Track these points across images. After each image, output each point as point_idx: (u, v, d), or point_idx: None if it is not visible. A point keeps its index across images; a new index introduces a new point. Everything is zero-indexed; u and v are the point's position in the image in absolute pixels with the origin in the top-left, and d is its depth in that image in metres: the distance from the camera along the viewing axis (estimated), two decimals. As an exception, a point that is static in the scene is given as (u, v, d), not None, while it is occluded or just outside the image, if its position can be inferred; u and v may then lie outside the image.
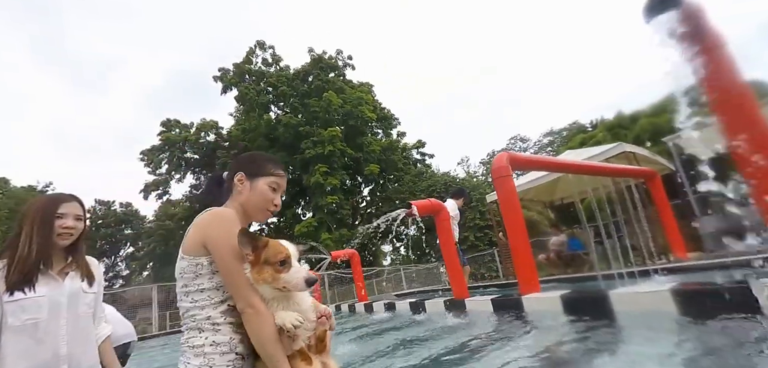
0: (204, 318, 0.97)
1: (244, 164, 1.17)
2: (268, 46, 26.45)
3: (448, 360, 2.48)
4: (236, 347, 0.98)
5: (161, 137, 25.13)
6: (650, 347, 2.10)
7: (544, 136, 34.80)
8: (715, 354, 1.85)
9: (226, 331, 0.98)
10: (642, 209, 5.61)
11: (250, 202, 1.13)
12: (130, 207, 31.97)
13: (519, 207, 3.93)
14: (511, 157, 4.12)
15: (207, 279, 1.00)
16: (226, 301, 1.00)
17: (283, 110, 25.00)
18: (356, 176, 24.61)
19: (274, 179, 1.16)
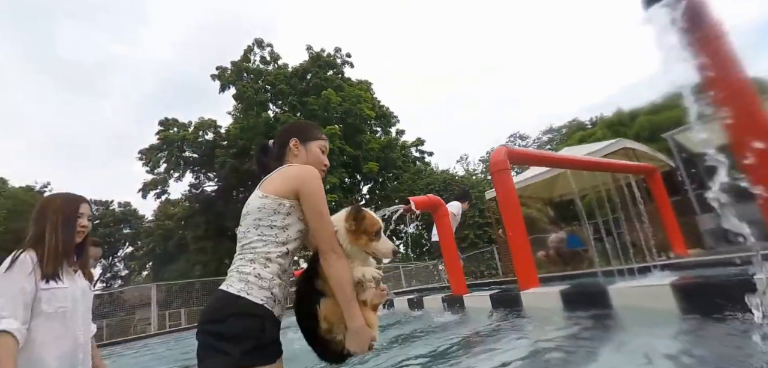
0: (263, 252, 1.08)
1: (295, 131, 1.31)
2: (266, 44, 26.36)
3: (443, 356, 2.44)
4: (274, 287, 1.07)
5: (159, 136, 24.97)
6: (649, 342, 2.06)
7: (543, 133, 34.78)
8: (713, 349, 1.81)
9: (272, 269, 1.07)
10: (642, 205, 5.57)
11: (306, 163, 1.24)
12: (129, 207, 31.85)
13: (517, 201, 3.89)
14: (510, 151, 4.09)
15: (281, 219, 1.10)
16: (286, 244, 1.11)
17: (281, 109, 24.92)
18: (355, 174, 24.56)
19: (322, 142, 1.32)
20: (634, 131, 10.95)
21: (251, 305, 1.02)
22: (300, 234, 1.15)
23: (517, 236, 3.72)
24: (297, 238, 1.14)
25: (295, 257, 1.18)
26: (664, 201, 5.60)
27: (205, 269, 21.08)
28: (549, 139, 32.91)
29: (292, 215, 1.11)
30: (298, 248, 1.18)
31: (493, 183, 3.97)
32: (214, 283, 15.14)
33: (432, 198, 4.75)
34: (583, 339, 2.36)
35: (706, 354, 1.79)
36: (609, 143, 6.33)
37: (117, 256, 31.59)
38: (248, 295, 1.02)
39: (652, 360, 1.77)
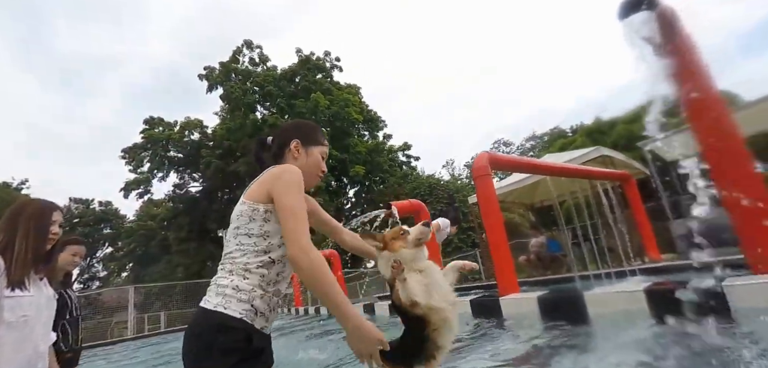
0: (241, 262, 1.02)
1: (298, 132, 1.24)
2: (255, 45, 26.27)
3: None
4: (254, 300, 1.01)
5: (144, 135, 24.59)
6: (622, 347, 2.11)
7: (526, 140, 35.55)
8: (683, 355, 1.86)
9: (253, 281, 1.01)
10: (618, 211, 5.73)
11: (306, 169, 1.18)
12: (110, 206, 30.97)
13: (498, 207, 3.94)
14: (492, 157, 4.14)
15: (258, 226, 1.04)
16: (268, 253, 1.04)
17: (269, 110, 24.76)
18: (342, 178, 24.53)
19: (324, 148, 1.27)
20: (612, 139, 11.28)
21: (229, 319, 0.97)
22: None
23: (498, 241, 3.76)
24: (282, 244, 1.06)
25: (283, 264, 1.10)
26: (638, 207, 5.78)
27: (187, 272, 20.61)
28: (532, 146, 33.65)
29: (272, 221, 1.04)
30: (285, 253, 1.09)
31: (475, 188, 4.01)
32: (195, 286, 14.82)
33: (414, 203, 4.78)
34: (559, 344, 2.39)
35: (676, 357, 1.84)
36: (587, 150, 6.51)
37: (96, 257, 30.58)
38: (225, 310, 0.97)
39: (623, 366, 1.81)
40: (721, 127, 2.60)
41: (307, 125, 1.30)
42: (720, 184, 2.52)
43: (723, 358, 1.64)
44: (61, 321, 2.21)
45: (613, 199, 5.40)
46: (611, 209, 5.32)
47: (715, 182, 2.53)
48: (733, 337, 1.87)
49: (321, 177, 1.27)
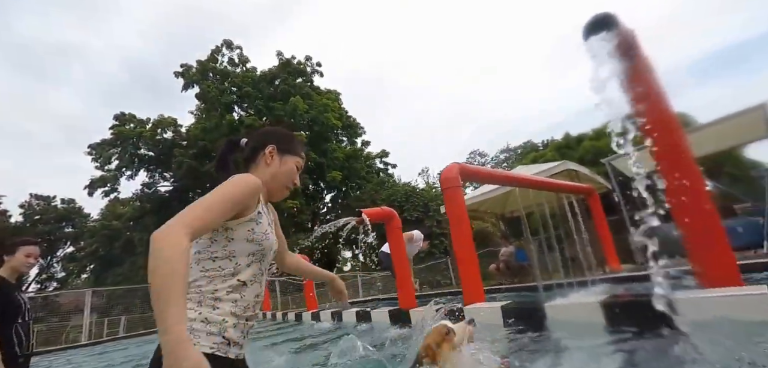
0: (210, 290, 0.92)
1: (276, 138, 1.15)
2: (235, 46, 25.82)
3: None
4: (226, 331, 0.92)
5: (113, 131, 23.66)
6: (576, 354, 2.15)
7: (500, 152, 36.58)
8: (635, 363, 1.91)
9: (223, 310, 0.92)
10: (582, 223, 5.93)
11: (277, 177, 1.12)
12: (73, 204, 29.31)
13: (466, 218, 3.97)
14: (462, 168, 4.17)
15: (221, 248, 0.95)
16: (236, 275, 0.96)
17: (247, 112, 24.31)
18: (319, 182, 24.30)
19: (300, 160, 1.19)
20: (579, 154, 11.74)
21: None
22: (254, 258, 0.99)
23: (465, 253, 3.78)
24: (251, 263, 0.98)
25: (258, 283, 1.02)
26: (601, 220, 6.01)
27: (152, 275, 19.74)
28: (506, 157, 34.69)
29: (235, 239, 0.95)
30: (259, 272, 1.02)
31: (444, 198, 4.03)
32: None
33: (385, 210, 4.75)
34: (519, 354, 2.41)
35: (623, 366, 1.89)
36: (554, 164, 6.73)
37: (55, 256, 28.74)
38: (194, 345, 0.86)
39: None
40: (675, 147, 2.73)
41: (287, 133, 1.22)
42: (671, 200, 2.65)
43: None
44: (14, 325, 2.11)
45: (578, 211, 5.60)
46: (575, 221, 5.50)
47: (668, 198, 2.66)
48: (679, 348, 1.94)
49: (290, 189, 1.19)
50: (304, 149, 1.23)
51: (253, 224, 0.98)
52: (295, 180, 1.18)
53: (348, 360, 2.47)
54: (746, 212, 5.82)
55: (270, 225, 1.07)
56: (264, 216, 1.03)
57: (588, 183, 6.57)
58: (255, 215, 0.99)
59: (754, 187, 6.58)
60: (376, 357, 2.57)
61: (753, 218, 5.31)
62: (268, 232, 1.02)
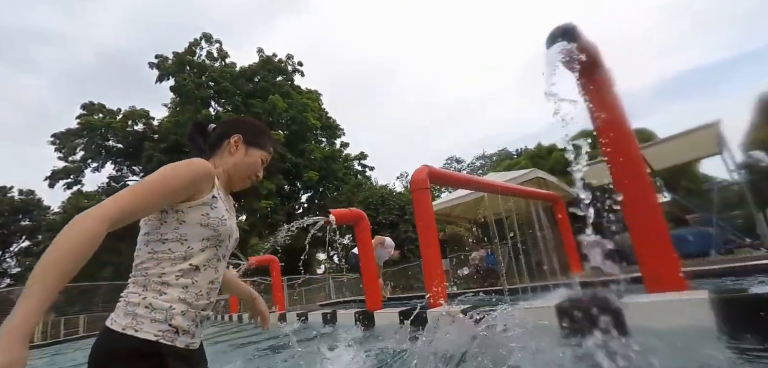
0: (156, 274, 0.88)
1: (244, 128, 1.14)
2: (214, 39, 25.21)
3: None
4: (173, 318, 0.88)
5: (80, 121, 22.61)
6: (529, 359, 2.18)
7: (476, 159, 37.35)
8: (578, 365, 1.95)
9: (171, 296, 0.88)
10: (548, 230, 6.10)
11: (239, 167, 1.10)
12: (32, 196, 27.57)
13: (433, 221, 3.99)
14: (430, 171, 4.19)
15: (172, 230, 0.91)
16: (188, 259, 0.92)
17: (224, 108, 23.72)
18: (296, 182, 23.99)
19: (266, 155, 1.17)
20: (551, 164, 12.13)
21: (140, 343, 0.83)
22: (209, 243, 0.96)
23: (431, 255, 3.80)
24: (205, 248, 0.95)
25: (213, 269, 0.98)
26: (566, 227, 6.20)
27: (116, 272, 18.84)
28: (481, 164, 35.48)
29: (187, 222, 0.92)
30: (214, 258, 0.99)
31: (413, 200, 4.04)
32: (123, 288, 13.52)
33: (354, 211, 4.72)
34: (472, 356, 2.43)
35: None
36: (524, 172, 6.91)
37: (9, 251, 26.92)
38: (136, 332, 0.83)
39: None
40: (630, 159, 2.83)
41: (256, 125, 1.20)
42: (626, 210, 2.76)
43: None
44: None
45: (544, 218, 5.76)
46: (541, 228, 5.66)
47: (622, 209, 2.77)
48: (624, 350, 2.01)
49: (253, 181, 1.17)
50: (275, 145, 1.23)
51: (207, 208, 0.95)
52: (259, 173, 1.16)
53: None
54: (697, 222, 6.16)
55: (228, 212, 1.04)
56: (220, 202, 0.99)
57: (555, 191, 6.77)
58: (209, 199, 0.95)
59: (707, 199, 6.97)
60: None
61: (703, 228, 5.62)
62: (224, 218, 0.99)
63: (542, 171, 7.27)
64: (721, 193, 6.40)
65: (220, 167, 1.08)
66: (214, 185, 0.98)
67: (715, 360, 1.70)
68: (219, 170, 1.07)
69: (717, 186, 6.40)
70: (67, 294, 14.23)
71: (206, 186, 0.95)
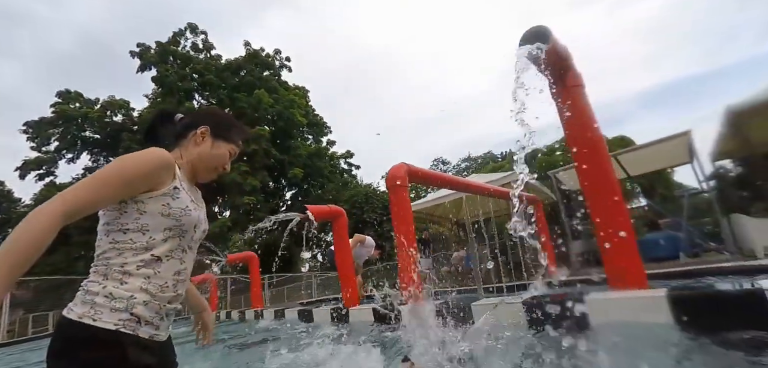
0: (118, 264, 0.87)
1: (212, 120, 1.12)
2: (200, 30, 24.70)
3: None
4: (135, 307, 0.86)
5: (55, 110, 21.76)
6: (499, 350, 2.23)
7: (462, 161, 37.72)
8: (542, 358, 1.99)
9: (132, 286, 0.86)
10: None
11: (204, 158, 1.08)
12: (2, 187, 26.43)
13: (410, 218, 4.01)
14: (409, 168, 4.20)
15: (133, 220, 0.90)
16: (150, 250, 0.90)
17: (208, 101, 23.26)
18: (280, 179, 23.73)
19: (234, 148, 1.15)
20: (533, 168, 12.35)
21: (98, 332, 0.81)
22: (171, 233, 0.94)
23: (405, 253, 3.81)
24: (168, 238, 0.94)
25: (178, 260, 0.97)
26: (543, 228, 6.33)
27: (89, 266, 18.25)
28: (466, 166, 35.82)
29: (148, 212, 0.90)
30: (179, 248, 0.97)
31: (389, 197, 4.04)
32: (96, 284, 13.09)
33: (332, 208, 4.70)
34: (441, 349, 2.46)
35: (533, 358, 1.97)
36: (504, 174, 7.02)
37: (-25, 245, 25.74)
38: (94, 321, 0.81)
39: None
40: (597, 164, 2.90)
41: (225, 118, 1.17)
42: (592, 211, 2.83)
43: (574, 363, 1.79)
44: None
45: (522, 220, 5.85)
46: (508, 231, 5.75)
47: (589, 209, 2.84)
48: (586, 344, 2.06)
49: (219, 173, 1.15)
50: (245, 139, 1.20)
51: (168, 199, 0.93)
52: (225, 166, 1.14)
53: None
54: (668, 227, 6.37)
55: (193, 202, 1.01)
56: (183, 192, 0.98)
57: (534, 194, 6.90)
58: (170, 189, 0.94)
59: (678, 205, 7.21)
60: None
61: (674, 233, 5.81)
62: (188, 208, 0.97)
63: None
64: (691, 200, 6.63)
65: (185, 157, 1.07)
66: (175, 175, 0.97)
67: (670, 350, 1.77)
68: (183, 160, 1.06)
69: (687, 193, 6.62)
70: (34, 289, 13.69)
71: (166, 177, 0.94)
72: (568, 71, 3.03)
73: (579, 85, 3.04)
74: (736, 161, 6.69)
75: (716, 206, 5.89)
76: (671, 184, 10.59)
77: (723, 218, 5.63)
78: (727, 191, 6.76)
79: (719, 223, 5.72)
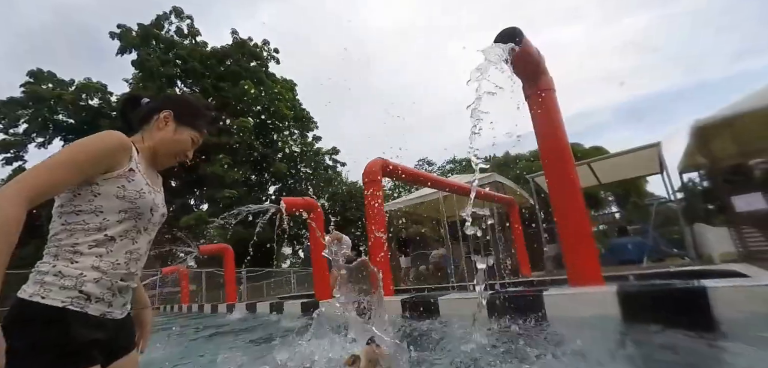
0: (69, 243, 0.88)
1: (176, 106, 1.12)
2: (185, 15, 24.02)
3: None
4: (84, 284, 0.87)
5: (25, 90, 20.82)
6: (460, 338, 2.28)
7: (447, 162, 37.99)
8: (506, 348, 2.04)
9: (82, 264, 0.88)
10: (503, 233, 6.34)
11: (166, 144, 1.08)
12: (-34, 170, 25.12)
13: (383, 213, 4.04)
14: (384, 163, 4.24)
15: (86, 202, 0.91)
16: (103, 230, 0.91)
17: (191, 88, 22.69)
18: (264, 173, 23.42)
19: (198, 135, 1.15)
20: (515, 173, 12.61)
21: (46, 310, 0.82)
22: (126, 215, 0.95)
23: (377, 247, 3.85)
24: (123, 220, 0.94)
25: (131, 240, 0.96)
26: (518, 230, 6.47)
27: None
28: (451, 168, 36.07)
29: (102, 194, 0.91)
30: (133, 229, 0.97)
31: (365, 191, 4.07)
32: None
33: (307, 200, 4.69)
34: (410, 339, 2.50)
35: (503, 351, 2.03)
36: (484, 175, 7.12)
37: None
38: (43, 299, 0.82)
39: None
40: (562, 168, 2.99)
41: (191, 104, 1.17)
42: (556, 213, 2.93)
43: (526, 352, 1.85)
44: None
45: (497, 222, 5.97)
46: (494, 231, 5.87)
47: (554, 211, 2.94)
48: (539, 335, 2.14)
49: (180, 161, 1.14)
50: (211, 128, 1.19)
51: (123, 181, 0.94)
52: (188, 153, 1.14)
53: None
54: (636, 233, 6.61)
55: (148, 185, 1.01)
56: (138, 175, 0.98)
57: (512, 196, 7.04)
58: (125, 172, 0.94)
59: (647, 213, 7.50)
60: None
61: (641, 239, 6.05)
62: (143, 191, 0.98)
63: (501, 176, 7.54)
64: (659, 208, 6.92)
65: (146, 141, 1.07)
66: (131, 157, 0.97)
67: (616, 340, 1.87)
68: (144, 144, 1.06)
69: (655, 202, 6.90)
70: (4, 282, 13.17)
71: (122, 159, 0.94)
72: (540, 75, 3.11)
73: (550, 89, 3.14)
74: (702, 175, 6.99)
75: (681, 216, 6.16)
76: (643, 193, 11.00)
77: (686, 226, 5.89)
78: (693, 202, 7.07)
79: (683, 231, 5.98)
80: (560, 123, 3.07)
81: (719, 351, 1.55)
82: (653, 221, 6.36)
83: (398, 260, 8.32)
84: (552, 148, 3.02)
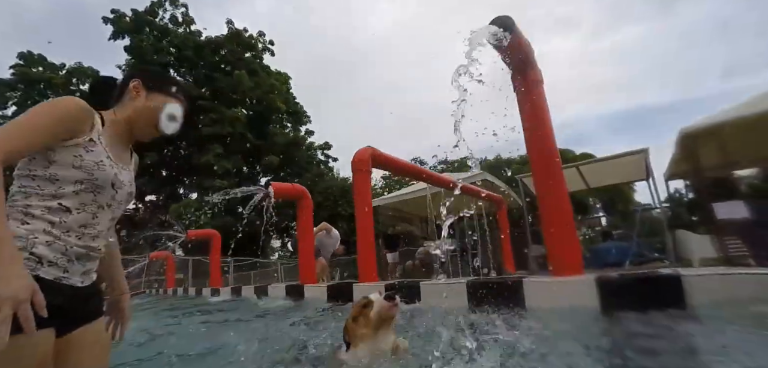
0: (22, 205, 0.86)
1: (144, 73, 1.10)
2: (181, 2, 23.67)
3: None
4: (35, 246, 0.85)
5: (15, 72, 20.43)
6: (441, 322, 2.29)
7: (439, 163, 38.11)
8: (487, 332, 2.06)
9: (34, 226, 0.85)
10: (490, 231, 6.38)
11: (140, 112, 1.06)
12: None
13: (370, 202, 4.04)
14: (374, 152, 4.23)
15: (40, 168, 0.89)
16: (58, 198, 0.89)
17: (184, 77, 22.42)
18: (255, 165, 23.23)
19: (173, 100, 1.11)
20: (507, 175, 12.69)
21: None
22: (83, 186, 0.92)
23: (364, 234, 3.85)
24: (80, 191, 0.91)
25: (90, 215, 0.94)
26: (505, 229, 6.52)
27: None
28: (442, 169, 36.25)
29: (57, 162, 0.89)
30: (93, 204, 0.94)
31: (353, 180, 4.06)
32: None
33: (296, 187, 4.68)
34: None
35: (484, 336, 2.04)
36: (474, 173, 7.17)
37: None
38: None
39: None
40: (547, 163, 3.02)
41: (157, 71, 1.19)
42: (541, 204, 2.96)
43: (504, 340, 1.87)
44: None
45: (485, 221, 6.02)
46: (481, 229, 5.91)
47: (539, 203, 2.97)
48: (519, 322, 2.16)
49: (157, 133, 1.12)
50: (182, 92, 1.14)
51: (80, 151, 0.91)
52: (176, 117, 1.12)
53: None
54: (620, 237, 6.72)
55: (110, 159, 0.97)
56: (99, 146, 0.95)
57: (501, 195, 7.10)
58: (84, 141, 0.92)
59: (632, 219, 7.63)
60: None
61: (623, 243, 6.15)
62: (103, 163, 0.94)
63: (490, 175, 7.60)
64: (643, 215, 7.04)
65: (119, 114, 1.05)
66: (93, 127, 0.95)
67: (595, 325, 1.89)
68: (117, 117, 1.04)
69: (640, 209, 7.02)
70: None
71: (82, 127, 0.92)
72: (529, 66, 3.13)
73: (538, 81, 3.16)
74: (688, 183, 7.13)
75: (664, 222, 6.28)
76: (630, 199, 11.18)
77: (669, 232, 6.01)
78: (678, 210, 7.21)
79: (665, 237, 6.10)
80: (547, 114, 3.10)
81: (695, 334, 1.59)
82: (637, 228, 6.47)
83: (384, 256, 8.30)
84: (538, 138, 3.05)
